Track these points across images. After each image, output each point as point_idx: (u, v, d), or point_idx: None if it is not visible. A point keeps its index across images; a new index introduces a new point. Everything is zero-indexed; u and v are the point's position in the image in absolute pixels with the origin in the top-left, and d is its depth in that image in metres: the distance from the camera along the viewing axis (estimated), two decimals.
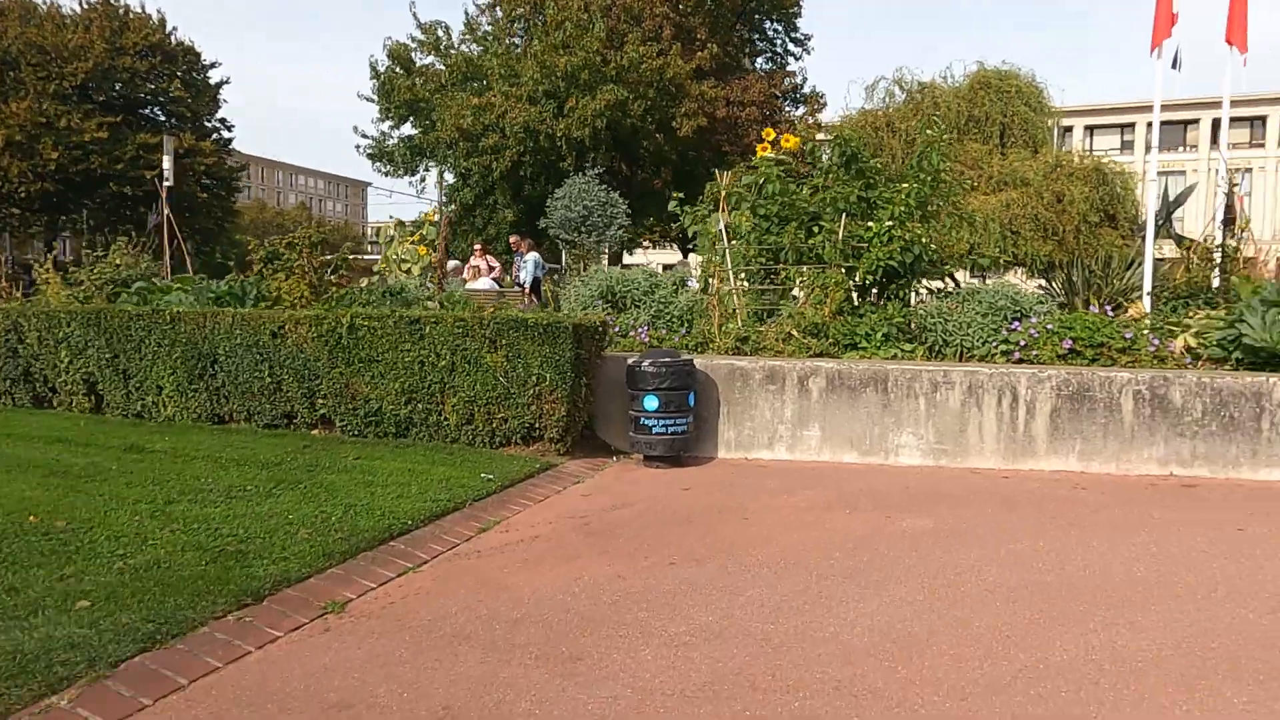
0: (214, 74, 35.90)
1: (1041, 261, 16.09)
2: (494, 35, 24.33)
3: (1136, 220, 16.17)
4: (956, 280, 9.55)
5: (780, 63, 25.92)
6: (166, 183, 13.93)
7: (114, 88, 32.78)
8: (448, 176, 25.12)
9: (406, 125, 25.29)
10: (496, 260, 16.34)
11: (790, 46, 27.17)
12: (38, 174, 29.96)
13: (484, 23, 24.97)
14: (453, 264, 14.94)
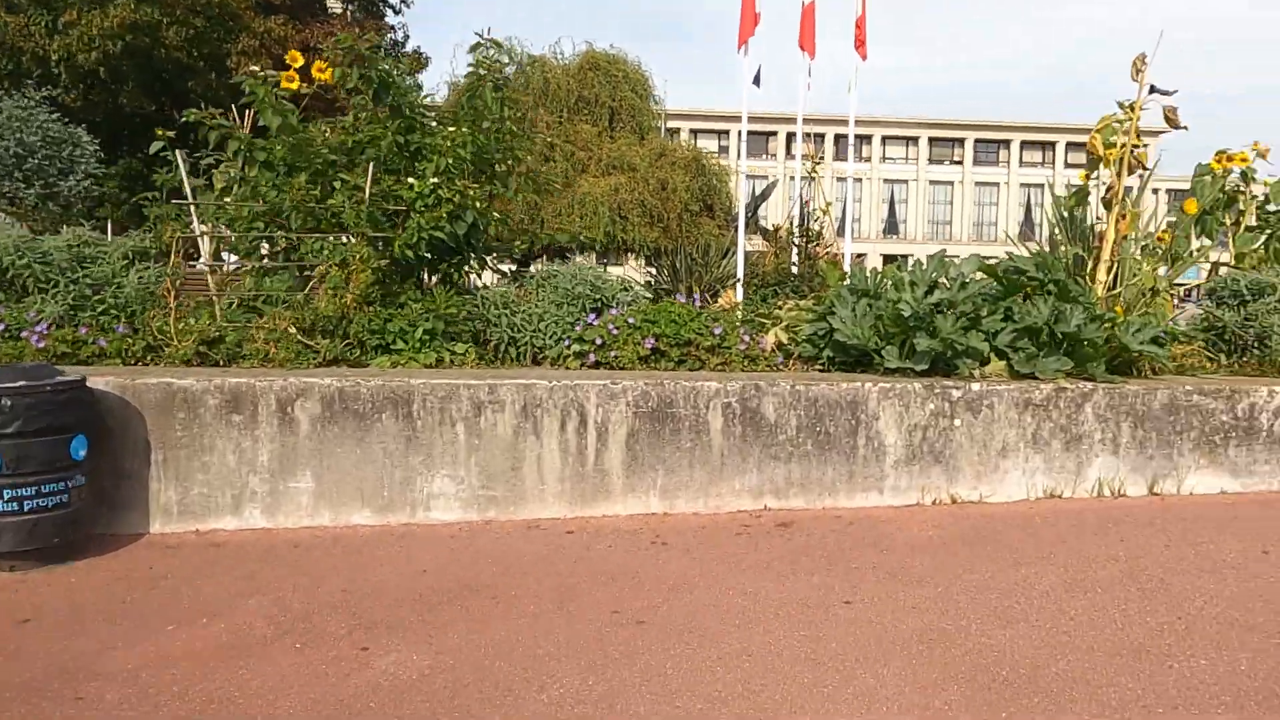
0: None
1: (649, 248, 16.43)
2: None
3: (730, 212, 16.76)
4: (531, 262, 7.79)
5: (376, 12, 22.68)
6: None
7: None
8: None
9: None
10: None
11: None
12: None
13: None
14: None
